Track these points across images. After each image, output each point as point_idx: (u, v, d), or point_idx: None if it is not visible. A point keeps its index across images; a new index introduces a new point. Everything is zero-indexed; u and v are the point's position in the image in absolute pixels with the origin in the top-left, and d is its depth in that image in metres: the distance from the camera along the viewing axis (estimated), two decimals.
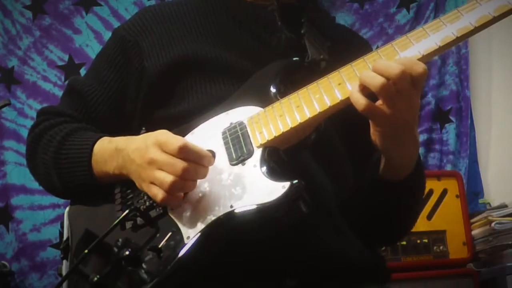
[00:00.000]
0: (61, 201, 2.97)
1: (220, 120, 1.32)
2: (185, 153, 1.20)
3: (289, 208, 1.14)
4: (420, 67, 1.14)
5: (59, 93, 3.23)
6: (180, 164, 1.19)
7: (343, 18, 3.43)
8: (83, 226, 1.41)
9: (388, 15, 3.50)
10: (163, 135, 1.25)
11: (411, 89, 1.15)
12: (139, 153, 1.26)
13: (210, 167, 1.24)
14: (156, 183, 1.21)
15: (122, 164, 1.31)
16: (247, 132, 1.26)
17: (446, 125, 3.43)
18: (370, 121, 1.21)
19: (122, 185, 1.35)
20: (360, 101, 1.15)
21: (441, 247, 2.77)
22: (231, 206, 1.18)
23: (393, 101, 1.15)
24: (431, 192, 2.82)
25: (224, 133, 1.29)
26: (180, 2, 1.57)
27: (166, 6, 1.57)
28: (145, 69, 1.45)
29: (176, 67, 1.43)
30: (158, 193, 1.21)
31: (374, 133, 1.22)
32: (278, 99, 1.28)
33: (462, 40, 1.17)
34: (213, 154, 1.26)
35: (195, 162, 1.21)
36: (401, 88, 1.13)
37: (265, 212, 1.14)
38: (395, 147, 1.24)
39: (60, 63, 3.31)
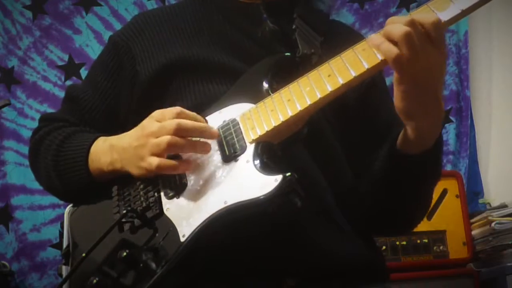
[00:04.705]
0: (61, 201, 2.98)
1: (213, 119, 1.33)
2: (183, 116, 1.25)
3: (282, 202, 1.13)
4: (432, 16, 1.12)
5: (59, 93, 3.24)
6: (174, 121, 1.24)
7: (343, 18, 3.43)
8: (83, 229, 1.43)
9: (388, 15, 3.49)
10: (157, 111, 1.30)
11: (427, 44, 1.12)
12: (136, 137, 1.30)
13: (205, 165, 1.25)
14: (154, 149, 1.24)
15: (116, 158, 1.34)
16: (240, 129, 1.27)
17: (446, 125, 3.43)
18: (394, 80, 1.18)
19: (119, 187, 1.36)
20: (392, 49, 1.12)
21: (441, 247, 2.77)
22: (225, 202, 1.18)
23: (416, 53, 1.12)
24: None
25: (217, 131, 1.30)
26: (173, 6, 1.60)
27: (159, 10, 1.61)
28: (138, 74, 1.47)
29: (168, 70, 1.44)
30: (154, 160, 1.24)
31: (396, 94, 1.19)
32: (270, 95, 1.28)
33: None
34: (205, 121, 1.30)
35: None
36: (418, 39, 1.11)
37: (258, 206, 1.14)
38: (417, 110, 1.20)
39: (60, 63, 3.32)
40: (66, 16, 3.36)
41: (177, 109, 1.27)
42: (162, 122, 1.25)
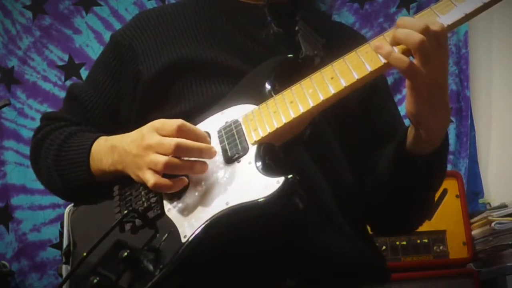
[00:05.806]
0: (61, 201, 2.96)
1: (215, 119, 1.33)
2: (183, 132, 1.23)
3: (284, 203, 1.14)
4: (437, 21, 1.14)
5: (59, 93, 3.24)
6: (173, 140, 1.22)
7: (343, 18, 3.43)
8: (84, 229, 1.43)
9: (388, 15, 3.50)
10: (159, 120, 1.28)
11: (438, 48, 1.13)
12: (136, 144, 1.28)
13: None
14: (151, 166, 1.23)
15: (118, 160, 1.33)
16: (242, 130, 1.27)
17: None
18: (407, 85, 1.19)
19: (121, 187, 1.36)
20: (403, 59, 1.13)
21: (441, 247, 2.77)
22: (227, 204, 1.18)
23: (429, 60, 1.13)
24: None
25: (219, 131, 1.30)
26: (175, 4, 1.59)
27: (161, 9, 1.60)
28: (140, 73, 1.47)
29: (171, 70, 1.44)
30: (150, 178, 1.23)
31: (409, 99, 1.20)
32: (272, 96, 1.28)
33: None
34: (208, 134, 1.28)
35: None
36: (431, 45, 1.12)
37: (260, 208, 1.14)
38: (429, 112, 1.21)
39: (60, 63, 3.32)
40: (66, 16, 3.36)
41: (179, 122, 1.25)
42: (162, 136, 1.24)
